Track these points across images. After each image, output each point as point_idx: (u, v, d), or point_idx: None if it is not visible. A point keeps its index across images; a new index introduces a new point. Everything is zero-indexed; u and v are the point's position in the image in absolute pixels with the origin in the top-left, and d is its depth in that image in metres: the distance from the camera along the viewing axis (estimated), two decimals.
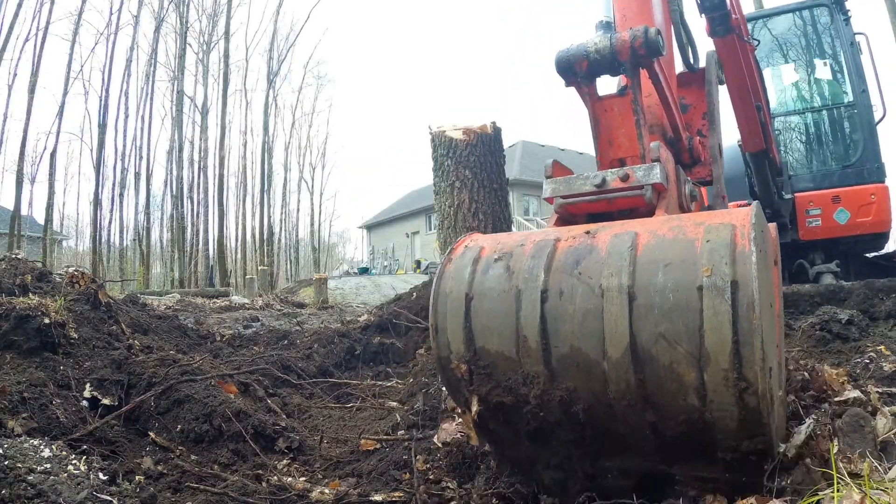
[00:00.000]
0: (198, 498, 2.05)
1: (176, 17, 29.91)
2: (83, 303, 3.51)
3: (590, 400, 1.55)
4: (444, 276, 1.80)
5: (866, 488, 1.24)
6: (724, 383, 1.36)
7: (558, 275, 1.61)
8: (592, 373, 1.52)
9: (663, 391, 1.45)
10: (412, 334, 4.67)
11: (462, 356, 1.71)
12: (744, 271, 1.37)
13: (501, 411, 1.70)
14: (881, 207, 5.69)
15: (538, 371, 1.59)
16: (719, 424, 1.42)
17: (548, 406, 1.60)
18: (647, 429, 1.53)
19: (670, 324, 1.41)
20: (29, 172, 24.95)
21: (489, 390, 1.68)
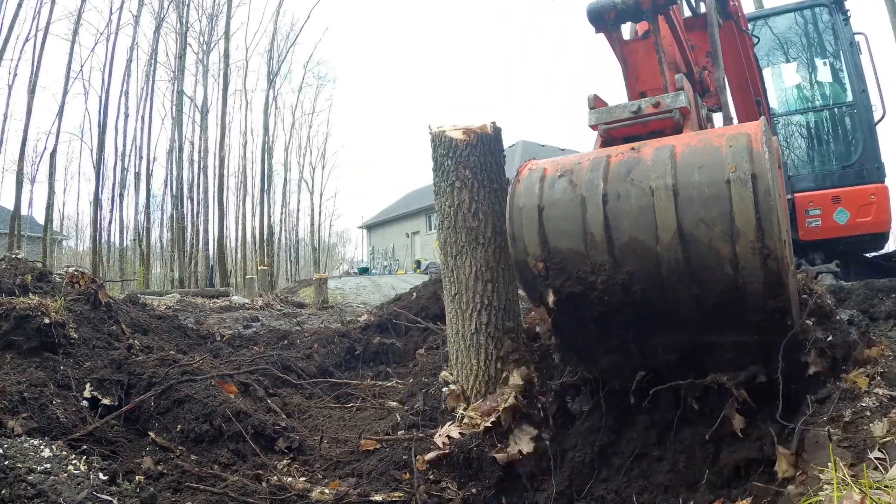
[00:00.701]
0: (198, 498, 2.05)
1: (176, 17, 29.91)
2: (83, 303, 3.51)
3: (645, 281, 1.94)
4: (516, 194, 2.17)
5: (866, 488, 1.24)
6: (751, 252, 1.76)
7: (614, 182, 1.98)
8: (648, 256, 1.91)
9: (704, 265, 1.84)
10: (412, 334, 4.67)
11: (538, 256, 2.09)
12: (760, 166, 1.76)
13: (571, 302, 2.07)
14: (881, 207, 5.69)
15: (603, 260, 1.98)
16: (749, 289, 1.82)
17: (611, 290, 1.98)
18: (691, 301, 1.91)
19: (707, 210, 1.81)
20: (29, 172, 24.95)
21: (562, 283, 2.06)
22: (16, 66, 21.43)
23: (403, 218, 38.62)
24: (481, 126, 2.79)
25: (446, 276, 2.85)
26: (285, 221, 41.35)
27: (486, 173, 2.75)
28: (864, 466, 1.36)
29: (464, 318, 2.77)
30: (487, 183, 2.75)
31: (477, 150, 2.74)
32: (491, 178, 2.77)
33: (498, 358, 2.74)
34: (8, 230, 20.80)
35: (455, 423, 2.52)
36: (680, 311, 1.95)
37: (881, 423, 1.55)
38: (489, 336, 2.73)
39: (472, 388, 2.75)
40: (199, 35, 31.80)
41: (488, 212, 2.74)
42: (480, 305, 2.73)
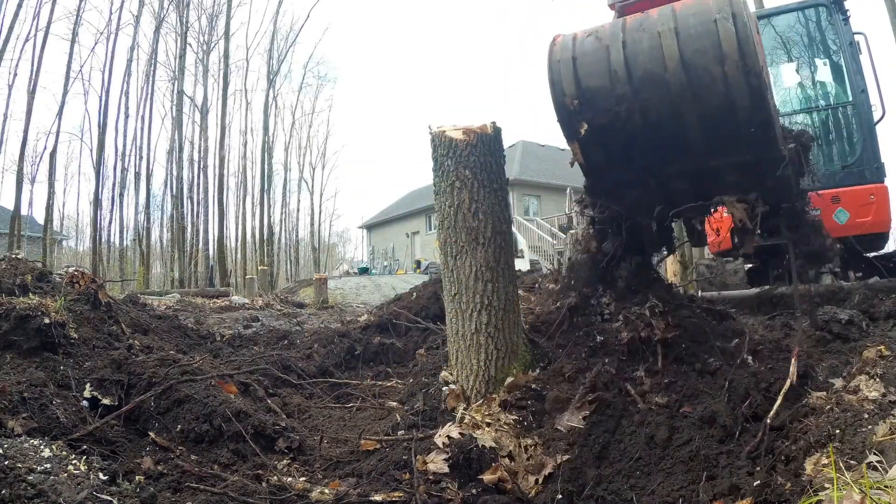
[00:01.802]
0: (198, 498, 2.05)
1: (176, 18, 29.88)
2: (83, 303, 3.51)
3: (658, 103, 2.48)
4: (553, 51, 2.71)
5: (866, 488, 1.24)
6: (736, 69, 2.31)
7: (630, 32, 2.53)
8: (659, 83, 2.45)
9: (702, 84, 2.38)
10: (412, 334, 4.67)
11: (573, 95, 2.63)
12: (737, 8, 2.33)
13: (600, 133, 2.62)
14: (881, 208, 5.68)
15: (625, 91, 2.51)
16: (738, 103, 2.36)
17: (632, 116, 2.52)
18: (696, 121, 2.46)
19: (701, 42, 2.37)
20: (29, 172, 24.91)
21: (592, 116, 2.61)
22: (16, 66, 21.43)
23: (403, 218, 38.61)
24: (481, 126, 2.79)
25: (446, 276, 2.85)
26: (285, 221, 41.35)
27: (486, 173, 2.75)
28: (864, 466, 1.37)
29: (464, 318, 2.77)
30: (487, 183, 2.75)
31: (477, 150, 2.74)
32: (491, 178, 2.77)
33: (498, 358, 2.74)
34: (8, 230, 20.79)
35: (455, 424, 2.52)
36: (687, 133, 2.50)
37: (883, 425, 1.55)
38: (489, 336, 2.73)
39: (472, 388, 2.75)
40: (199, 35, 31.80)
41: (488, 212, 2.74)
42: (480, 305, 2.73)
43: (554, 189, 29.70)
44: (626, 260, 3.18)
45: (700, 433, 2.15)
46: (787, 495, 1.57)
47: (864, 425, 1.61)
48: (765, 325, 4.04)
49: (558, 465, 2.26)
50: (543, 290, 4.67)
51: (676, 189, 2.76)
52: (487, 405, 2.60)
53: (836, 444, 1.56)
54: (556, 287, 3.47)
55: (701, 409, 2.26)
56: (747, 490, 1.74)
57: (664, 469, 2.09)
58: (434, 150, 2.84)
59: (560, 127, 2.80)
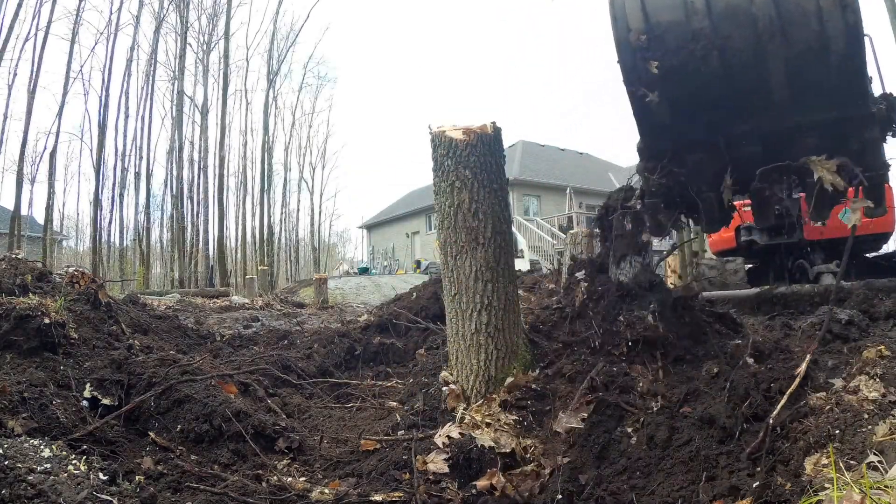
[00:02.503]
0: (198, 498, 2.05)
1: (176, 17, 29.87)
2: (83, 303, 3.51)
3: (742, 44, 2.22)
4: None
5: (866, 488, 1.24)
6: (832, 3, 2.06)
7: None
8: (744, 18, 2.18)
9: (793, 20, 2.13)
10: (412, 334, 4.67)
11: (640, 30, 2.37)
12: None
13: (668, 77, 2.35)
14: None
15: (704, 26, 2.25)
16: (832, 43, 2.12)
17: (709, 57, 2.26)
18: (781, 65, 2.20)
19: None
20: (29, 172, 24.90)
21: (662, 54, 2.34)
22: (16, 66, 21.41)
23: (403, 218, 38.59)
24: (481, 126, 2.78)
25: (446, 276, 2.85)
26: (285, 221, 41.32)
27: (486, 173, 2.75)
28: (864, 466, 1.36)
29: (464, 318, 2.77)
30: (487, 183, 2.75)
31: (477, 150, 2.74)
32: (491, 178, 2.77)
33: (498, 358, 2.74)
34: (8, 230, 20.78)
35: (455, 424, 2.52)
36: (770, 80, 2.24)
37: (883, 425, 1.55)
38: (489, 336, 2.73)
39: (472, 388, 2.75)
40: (199, 35, 31.78)
41: (488, 212, 2.74)
42: (480, 305, 2.73)
43: (554, 189, 29.70)
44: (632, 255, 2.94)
45: (700, 433, 2.15)
46: (787, 496, 1.57)
47: (864, 425, 1.61)
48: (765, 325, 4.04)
49: (558, 466, 2.26)
50: (543, 290, 4.67)
51: (746, 154, 2.42)
52: (487, 405, 2.60)
53: (836, 445, 1.56)
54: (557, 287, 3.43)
55: (701, 410, 2.26)
56: (747, 490, 1.74)
57: (664, 469, 2.09)
58: (434, 150, 2.84)
59: (621, 71, 2.50)
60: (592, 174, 32.76)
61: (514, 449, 2.36)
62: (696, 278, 6.08)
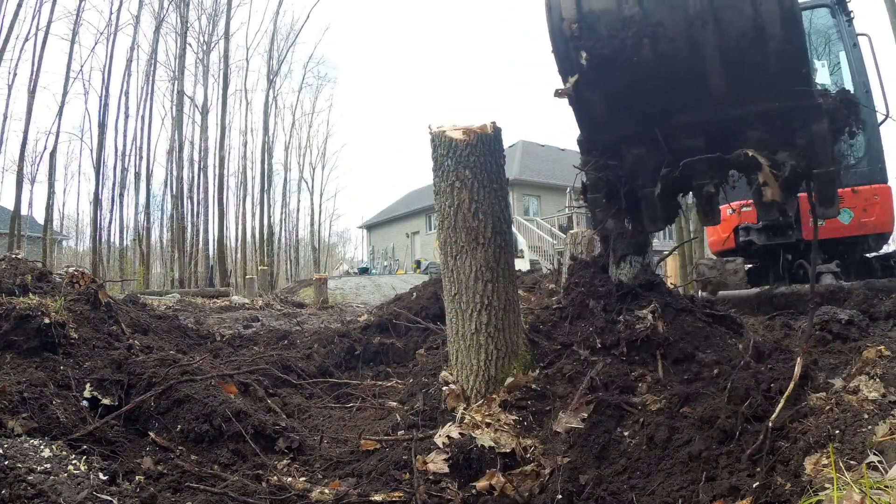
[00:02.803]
0: (198, 498, 2.05)
1: (176, 17, 29.87)
2: (83, 303, 3.51)
3: (673, 30, 2.12)
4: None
5: (866, 488, 1.24)
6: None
7: None
8: (674, 3, 2.09)
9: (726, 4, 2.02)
10: (412, 334, 4.67)
11: (573, 18, 2.28)
12: None
13: (600, 67, 2.25)
14: (884, 208, 5.69)
15: (634, 12, 2.15)
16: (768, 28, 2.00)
17: (640, 45, 2.15)
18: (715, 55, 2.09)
19: None
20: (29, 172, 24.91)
21: (593, 44, 2.25)
22: (16, 66, 21.41)
23: (403, 218, 38.60)
24: (481, 126, 2.78)
25: (446, 276, 2.85)
26: (285, 221, 41.34)
27: (486, 173, 2.75)
28: (864, 466, 1.36)
29: (464, 318, 2.77)
30: (487, 183, 2.75)
31: (477, 150, 2.73)
32: (491, 178, 2.77)
33: (498, 358, 2.74)
34: (8, 230, 20.77)
35: (455, 424, 2.52)
36: (705, 69, 2.13)
37: (883, 425, 1.55)
38: (489, 336, 2.73)
39: (472, 388, 2.75)
40: (199, 35, 31.78)
41: (488, 212, 2.74)
42: (480, 305, 2.73)
43: (554, 189, 29.69)
44: (625, 259, 2.90)
45: (700, 434, 2.15)
46: (787, 496, 1.57)
47: (864, 425, 1.61)
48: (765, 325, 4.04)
49: (558, 466, 2.26)
50: (543, 290, 4.68)
51: (688, 147, 2.31)
52: (487, 405, 2.60)
53: (836, 445, 1.56)
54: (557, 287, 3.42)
55: (701, 410, 2.26)
56: (747, 490, 1.74)
57: (664, 469, 2.09)
58: (434, 150, 2.84)
59: (555, 60, 2.43)
60: None
61: (514, 449, 2.36)
62: (696, 279, 6.08)
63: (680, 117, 2.27)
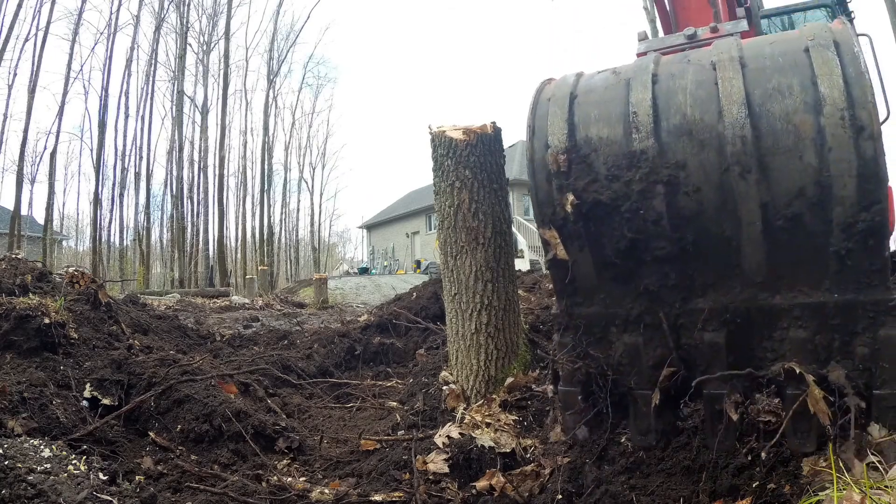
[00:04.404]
0: (198, 498, 2.05)
1: (176, 17, 29.89)
2: (83, 303, 3.51)
3: (699, 178, 1.54)
4: (544, 89, 1.86)
5: (866, 488, 1.24)
6: (840, 125, 1.39)
7: (667, 65, 1.69)
8: (705, 139, 1.52)
9: (779, 149, 1.46)
10: (412, 334, 4.67)
11: (562, 148, 1.69)
12: (843, 36, 1.51)
13: (593, 219, 1.67)
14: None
15: (646, 146, 1.56)
16: (836, 187, 1.42)
17: (651, 195, 1.57)
18: (756, 218, 1.50)
19: (783, 78, 1.50)
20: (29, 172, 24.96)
21: (586, 184, 1.65)
22: (16, 66, 21.44)
23: (403, 218, 38.59)
24: (481, 126, 2.78)
25: (446, 276, 2.85)
26: (285, 221, 41.38)
27: (486, 173, 2.75)
28: (864, 466, 1.36)
29: (464, 318, 2.77)
30: (487, 183, 2.75)
31: (477, 150, 2.74)
32: (491, 178, 2.77)
33: (498, 358, 2.74)
34: (8, 230, 20.78)
35: (455, 424, 2.52)
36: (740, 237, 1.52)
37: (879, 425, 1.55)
38: (489, 336, 2.73)
39: (472, 388, 2.75)
40: (199, 35, 31.79)
41: (488, 212, 2.74)
42: (480, 305, 2.73)
43: None
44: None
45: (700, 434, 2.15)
46: (787, 496, 1.57)
47: None
48: None
49: (558, 466, 2.26)
50: (543, 290, 4.67)
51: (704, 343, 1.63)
52: (487, 405, 2.60)
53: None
54: None
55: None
56: (747, 490, 1.74)
57: (664, 470, 2.09)
58: (434, 150, 2.84)
59: (532, 203, 1.82)
60: None
61: (514, 449, 2.36)
62: None
63: (696, 300, 1.62)
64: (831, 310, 1.52)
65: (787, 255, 1.52)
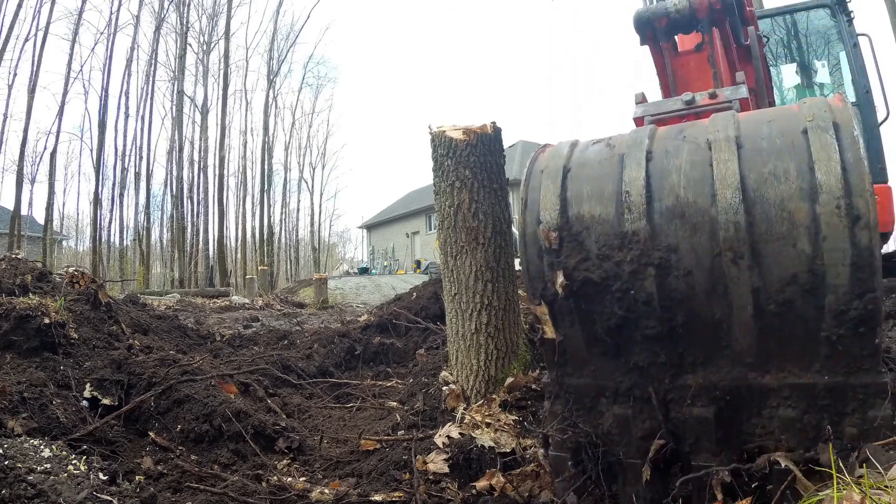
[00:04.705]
0: (198, 498, 2.05)
1: (176, 18, 29.91)
2: (83, 303, 3.51)
3: (690, 262, 1.53)
4: (538, 159, 1.83)
5: (866, 488, 1.24)
6: (836, 213, 1.39)
7: (662, 140, 1.66)
8: (698, 223, 1.52)
9: (773, 235, 1.45)
10: (412, 334, 4.67)
11: (554, 224, 1.68)
12: (842, 117, 1.48)
13: (584, 297, 1.66)
14: (885, 208, 5.69)
15: (638, 228, 1.56)
16: (829, 276, 1.41)
17: (642, 276, 1.56)
18: (748, 302, 1.49)
19: (779, 162, 1.47)
20: (29, 172, 24.97)
21: (577, 262, 1.65)
22: (16, 66, 21.46)
23: (403, 218, 38.61)
24: (481, 126, 2.78)
25: (446, 276, 2.85)
26: (285, 221, 41.41)
27: (486, 173, 2.75)
28: (864, 466, 1.36)
29: (464, 318, 2.77)
30: (487, 183, 2.75)
31: (477, 150, 2.74)
32: (491, 178, 2.77)
33: (498, 358, 2.74)
34: (8, 230, 20.79)
35: (455, 424, 2.52)
36: (731, 319, 1.54)
37: None
38: (489, 336, 2.73)
39: (472, 388, 2.75)
40: (199, 35, 31.81)
41: (488, 212, 2.74)
42: (480, 305, 2.73)
43: None
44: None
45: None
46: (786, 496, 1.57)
47: None
48: None
49: None
50: None
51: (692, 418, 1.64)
52: (487, 405, 2.60)
53: None
54: None
55: None
56: (747, 490, 1.73)
57: None
58: (434, 150, 2.84)
59: (523, 277, 1.84)
60: None
61: (514, 449, 2.36)
62: None
63: (685, 376, 1.64)
64: (821, 391, 1.53)
65: (778, 338, 1.53)
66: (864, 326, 1.43)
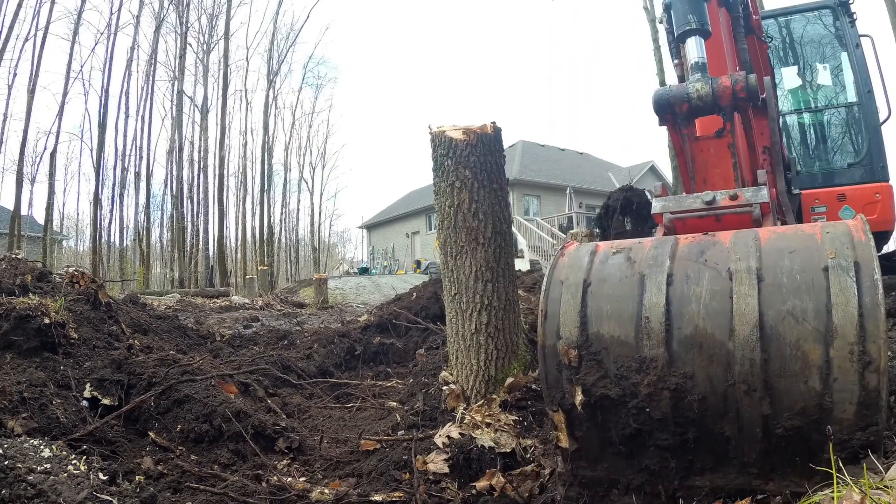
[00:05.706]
0: (198, 498, 2.05)
1: (176, 18, 29.90)
2: (83, 303, 3.51)
3: (705, 389, 1.58)
4: (558, 266, 1.87)
5: (866, 488, 1.24)
6: (848, 358, 1.44)
7: (683, 262, 1.69)
8: (715, 354, 1.56)
9: (786, 372, 1.50)
10: (412, 334, 4.67)
11: (573, 342, 1.72)
12: (864, 254, 1.51)
13: (601, 409, 1.71)
14: (885, 206, 5.70)
15: (657, 354, 1.61)
16: (836, 412, 1.47)
17: (657, 398, 1.62)
18: (757, 426, 1.56)
19: (798, 301, 1.51)
20: (29, 172, 24.98)
21: (596, 380, 1.69)
22: (16, 66, 21.45)
23: (403, 218, 38.60)
24: (481, 126, 2.78)
25: (446, 276, 2.85)
26: (285, 221, 41.40)
27: (486, 173, 2.75)
28: (864, 466, 1.36)
29: (464, 318, 2.77)
30: (487, 183, 2.75)
31: (477, 150, 2.74)
32: (491, 178, 2.77)
33: (498, 358, 2.74)
34: (8, 230, 20.79)
35: (455, 424, 2.52)
36: (740, 437, 1.60)
37: None
38: (489, 336, 2.73)
39: (472, 388, 2.75)
40: (199, 35, 31.80)
41: (488, 212, 2.74)
42: (480, 305, 2.73)
43: (554, 189, 29.70)
44: None
45: None
46: (787, 496, 1.57)
47: None
48: None
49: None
50: None
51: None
52: (487, 405, 2.60)
53: None
54: None
55: None
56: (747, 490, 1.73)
57: None
58: (434, 150, 2.84)
59: (541, 383, 1.89)
60: (592, 174, 32.77)
61: (514, 449, 2.36)
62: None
63: (694, 478, 1.73)
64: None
65: (783, 455, 1.59)
66: (864, 452, 1.48)
